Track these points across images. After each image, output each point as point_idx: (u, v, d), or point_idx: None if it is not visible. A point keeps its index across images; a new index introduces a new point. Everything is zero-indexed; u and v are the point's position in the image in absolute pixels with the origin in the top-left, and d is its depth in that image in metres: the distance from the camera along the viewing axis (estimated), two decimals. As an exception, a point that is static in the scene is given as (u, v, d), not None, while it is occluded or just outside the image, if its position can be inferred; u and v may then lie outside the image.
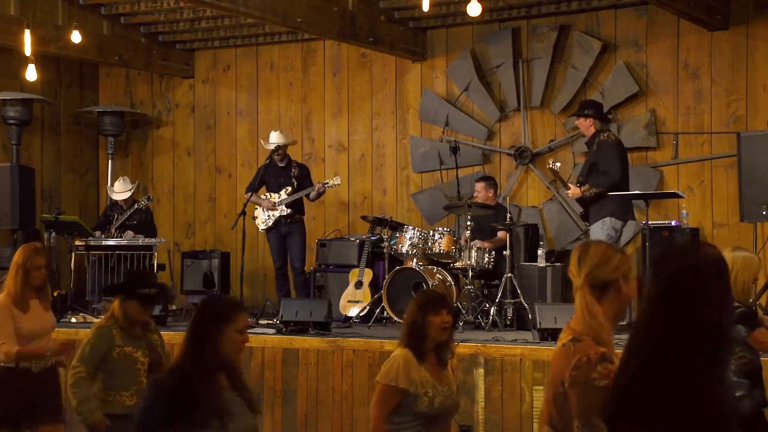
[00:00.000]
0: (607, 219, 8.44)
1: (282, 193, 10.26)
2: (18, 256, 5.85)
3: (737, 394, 5.13)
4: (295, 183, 10.27)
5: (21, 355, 5.75)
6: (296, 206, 10.31)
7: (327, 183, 10.26)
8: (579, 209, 9.09)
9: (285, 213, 10.20)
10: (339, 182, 10.42)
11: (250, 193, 10.32)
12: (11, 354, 5.70)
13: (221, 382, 3.78)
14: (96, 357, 5.25)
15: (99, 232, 10.70)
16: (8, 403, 5.75)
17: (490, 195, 9.94)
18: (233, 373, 3.86)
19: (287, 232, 10.30)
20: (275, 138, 10.35)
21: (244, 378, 3.95)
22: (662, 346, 2.50)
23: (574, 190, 8.58)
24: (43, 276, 5.88)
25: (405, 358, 4.60)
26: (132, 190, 10.92)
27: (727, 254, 5.21)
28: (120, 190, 10.94)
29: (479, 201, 9.81)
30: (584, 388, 3.29)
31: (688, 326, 2.50)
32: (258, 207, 10.38)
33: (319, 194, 10.33)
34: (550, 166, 8.78)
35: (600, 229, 8.45)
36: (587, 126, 8.75)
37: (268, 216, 10.26)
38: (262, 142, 10.63)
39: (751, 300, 5.38)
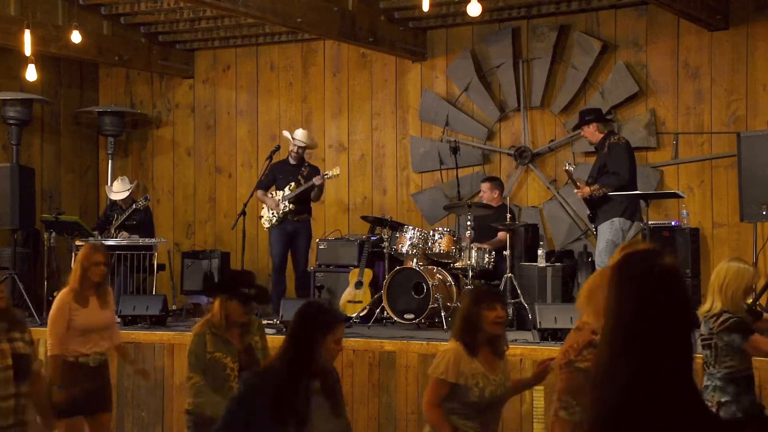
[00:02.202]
0: (616, 219, 8.47)
1: (286, 189, 10.23)
2: (79, 254, 6.25)
3: (722, 399, 5.26)
4: (302, 181, 10.22)
5: (54, 360, 6.08)
6: (302, 204, 10.23)
7: (326, 174, 10.20)
8: (582, 209, 9.10)
9: (288, 208, 10.15)
10: (338, 172, 10.36)
11: (259, 191, 10.30)
12: (51, 354, 6.08)
13: (313, 387, 3.88)
14: (201, 362, 5.25)
15: (98, 232, 10.69)
16: (69, 394, 6.03)
17: (495, 195, 9.96)
18: (326, 378, 3.98)
19: (293, 230, 10.23)
20: (300, 136, 10.32)
21: (337, 383, 4.07)
22: (645, 363, 2.45)
23: (584, 189, 8.60)
24: (101, 273, 6.19)
25: (455, 351, 4.69)
26: (130, 190, 10.92)
27: (722, 264, 5.39)
28: (119, 190, 10.94)
29: (484, 201, 9.83)
30: (566, 369, 4.20)
31: (660, 330, 2.48)
32: (264, 206, 10.35)
33: (321, 190, 10.27)
34: (566, 168, 8.81)
35: (608, 229, 8.48)
36: (592, 132, 8.79)
37: (273, 214, 10.22)
38: (286, 134, 10.54)
39: (748, 305, 5.44)
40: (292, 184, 10.21)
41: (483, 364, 4.72)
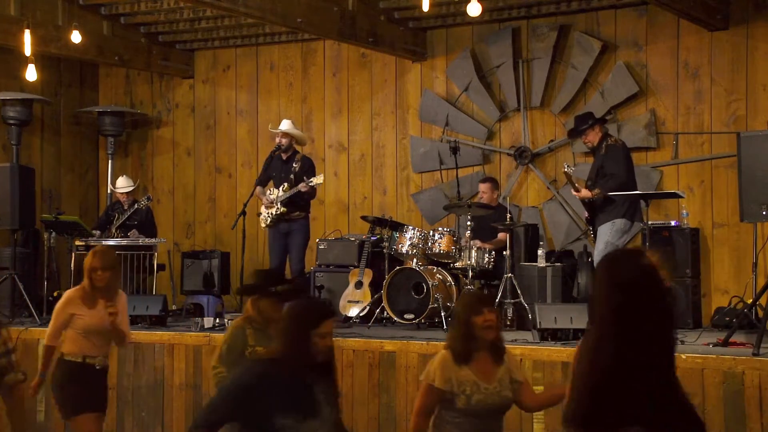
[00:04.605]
0: (618, 221, 8.49)
1: (279, 189, 10.08)
2: (86, 259, 6.40)
3: None
4: (294, 179, 10.04)
5: (45, 350, 6.44)
6: (293, 204, 10.01)
7: (310, 182, 9.89)
8: (582, 210, 9.10)
9: (280, 211, 10.01)
10: (321, 180, 10.02)
11: (258, 188, 10.18)
12: (45, 344, 6.41)
13: (307, 379, 4.10)
14: (233, 355, 5.38)
15: (99, 231, 10.70)
16: (75, 393, 6.29)
17: (495, 196, 10.00)
18: (319, 370, 4.18)
19: (287, 230, 10.03)
20: (282, 125, 10.22)
21: (334, 375, 4.29)
22: (626, 351, 2.60)
23: (584, 193, 8.63)
24: (102, 278, 6.25)
25: (442, 358, 4.70)
26: (134, 187, 10.96)
27: None
28: (123, 185, 10.96)
29: (485, 202, 9.84)
30: None
31: (646, 327, 2.61)
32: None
33: (313, 192, 10.10)
34: (565, 169, 8.78)
35: (609, 230, 8.49)
36: (595, 134, 8.80)
37: (268, 213, 10.12)
38: (270, 128, 10.45)
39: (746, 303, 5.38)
40: (285, 184, 10.02)
41: (476, 371, 4.65)
